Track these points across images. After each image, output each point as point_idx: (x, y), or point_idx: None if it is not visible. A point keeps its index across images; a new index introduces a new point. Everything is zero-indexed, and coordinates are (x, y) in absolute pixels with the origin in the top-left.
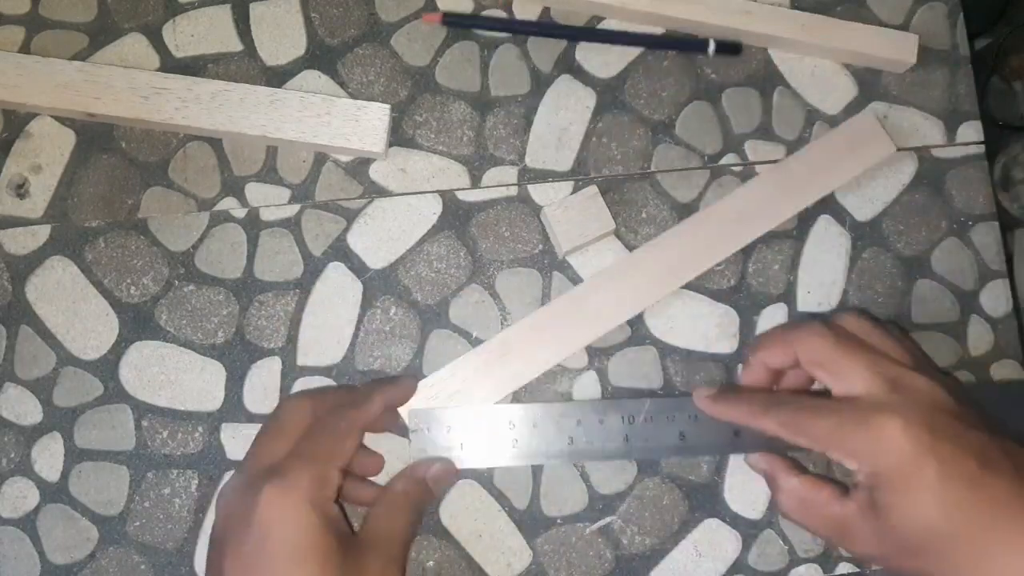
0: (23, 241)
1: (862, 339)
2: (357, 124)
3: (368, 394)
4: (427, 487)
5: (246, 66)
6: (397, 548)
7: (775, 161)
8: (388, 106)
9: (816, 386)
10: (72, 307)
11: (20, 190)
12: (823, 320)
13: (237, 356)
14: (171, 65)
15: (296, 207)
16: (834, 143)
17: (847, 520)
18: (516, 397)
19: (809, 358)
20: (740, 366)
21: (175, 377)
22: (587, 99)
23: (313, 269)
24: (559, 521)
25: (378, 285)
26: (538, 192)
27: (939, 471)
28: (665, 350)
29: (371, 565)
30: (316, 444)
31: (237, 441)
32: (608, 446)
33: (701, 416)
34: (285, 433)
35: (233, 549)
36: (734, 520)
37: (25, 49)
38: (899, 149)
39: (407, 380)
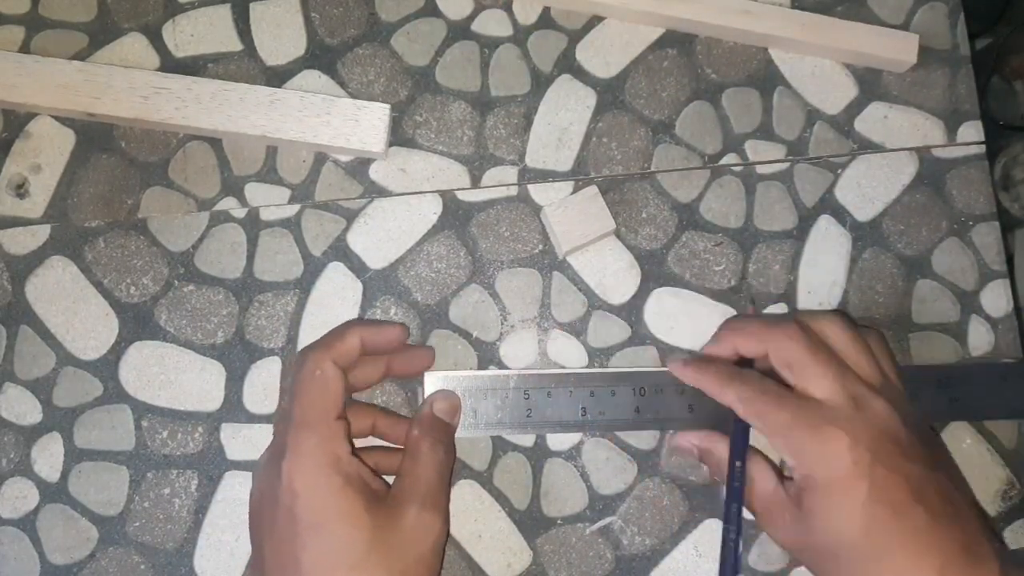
0: (23, 241)
1: (835, 348)
2: (357, 124)
3: (342, 332)
4: (441, 422)
5: (246, 66)
6: (429, 491)
7: (775, 161)
8: (388, 106)
9: None
10: (72, 307)
11: (20, 190)
12: (801, 322)
13: (237, 356)
14: (171, 65)
15: (296, 207)
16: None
17: (775, 505)
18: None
19: (780, 357)
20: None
21: (175, 377)
22: (587, 99)
23: (313, 269)
24: (559, 521)
25: (378, 285)
26: (538, 192)
27: (870, 493)
28: (665, 350)
29: (405, 513)
30: (304, 406)
31: (237, 441)
32: (619, 418)
33: None
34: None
35: (269, 530)
36: None
37: (25, 49)
38: (899, 149)
39: (394, 325)
